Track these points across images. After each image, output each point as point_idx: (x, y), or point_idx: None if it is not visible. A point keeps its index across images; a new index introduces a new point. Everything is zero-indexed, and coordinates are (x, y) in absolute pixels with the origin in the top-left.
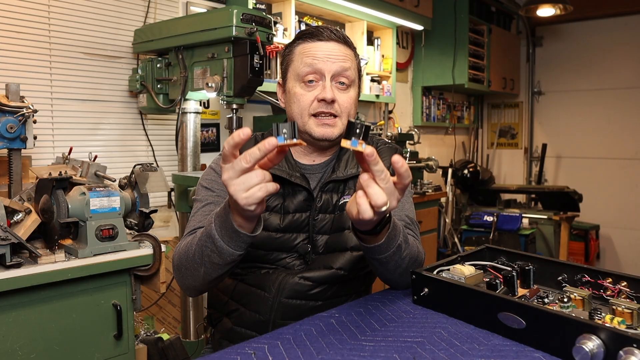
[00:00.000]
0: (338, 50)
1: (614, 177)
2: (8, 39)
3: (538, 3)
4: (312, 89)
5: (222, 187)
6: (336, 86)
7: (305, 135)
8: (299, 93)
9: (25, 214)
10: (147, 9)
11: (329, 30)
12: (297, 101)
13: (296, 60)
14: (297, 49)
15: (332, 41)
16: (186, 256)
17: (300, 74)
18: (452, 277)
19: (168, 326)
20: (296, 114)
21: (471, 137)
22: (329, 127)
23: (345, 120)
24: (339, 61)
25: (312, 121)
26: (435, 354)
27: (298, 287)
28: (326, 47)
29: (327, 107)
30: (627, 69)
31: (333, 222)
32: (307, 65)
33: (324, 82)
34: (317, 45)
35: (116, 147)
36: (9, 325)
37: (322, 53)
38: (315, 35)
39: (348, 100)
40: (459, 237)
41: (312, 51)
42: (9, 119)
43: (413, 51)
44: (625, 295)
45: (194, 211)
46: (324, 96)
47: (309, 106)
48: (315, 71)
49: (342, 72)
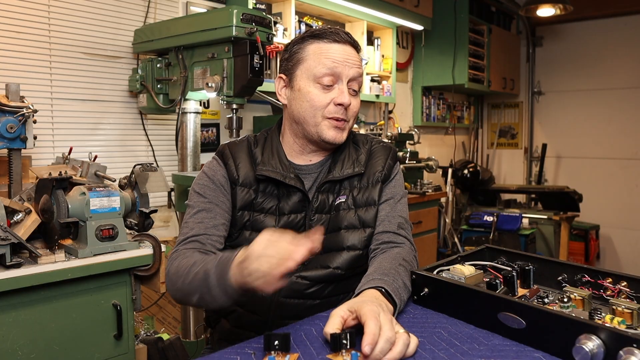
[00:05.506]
0: (354, 55)
1: (614, 177)
2: (8, 39)
3: (538, 3)
4: (328, 91)
5: (214, 193)
6: (349, 91)
7: (314, 135)
8: (313, 93)
9: (25, 214)
10: (147, 9)
11: (343, 32)
12: (311, 101)
13: (311, 59)
14: (311, 48)
15: (348, 45)
16: (183, 279)
17: (317, 75)
18: (452, 277)
19: (168, 326)
20: (307, 114)
21: (471, 137)
22: (341, 132)
23: (351, 125)
24: (355, 67)
25: (326, 123)
26: (435, 354)
27: (295, 286)
28: (344, 51)
29: (343, 112)
30: (627, 69)
31: (329, 222)
32: (325, 66)
33: (340, 86)
34: (334, 47)
35: (116, 147)
36: (9, 325)
37: (340, 56)
38: (330, 35)
39: (357, 105)
40: (459, 237)
41: (330, 53)
42: (9, 119)
43: (413, 51)
44: (625, 295)
45: (187, 217)
46: (342, 101)
47: (324, 108)
48: (333, 74)
49: (357, 77)
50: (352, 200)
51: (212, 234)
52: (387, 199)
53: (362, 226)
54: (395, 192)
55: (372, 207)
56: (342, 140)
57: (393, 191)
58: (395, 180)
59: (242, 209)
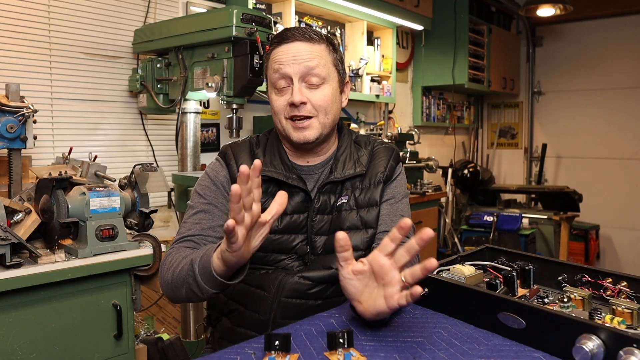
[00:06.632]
0: (303, 49)
1: (614, 177)
2: (8, 39)
3: (538, 3)
4: (283, 93)
5: (214, 194)
6: (307, 86)
7: (287, 140)
8: (273, 99)
9: (25, 214)
10: (147, 9)
11: (294, 30)
12: (272, 107)
13: (269, 67)
14: (270, 56)
15: (297, 41)
16: (172, 271)
17: (272, 80)
18: (452, 277)
19: (168, 326)
20: (275, 120)
21: (471, 137)
22: (305, 130)
23: (323, 119)
24: (304, 61)
25: (290, 124)
26: (435, 354)
27: (297, 287)
28: (291, 49)
29: (299, 110)
30: (627, 69)
31: (331, 223)
32: (275, 71)
33: (292, 86)
34: (282, 48)
35: (116, 147)
36: (9, 325)
37: (286, 56)
38: (282, 38)
39: (322, 98)
40: (459, 237)
41: (278, 56)
42: (9, 119)
43: (413, 51)
44: (625, 295)
45: (186, 217)
46: (292, 100)
47: (284, 110)
48: (282, 76)
49: (309, 71)
50: (354, 201)
51: (208, 235)
52: (389, 198)
53: (364, 227)
54: (397, 192)
55: (374, 207)
56: (310, 139)
57: (395, 191)
58: (397, 181)
59: None
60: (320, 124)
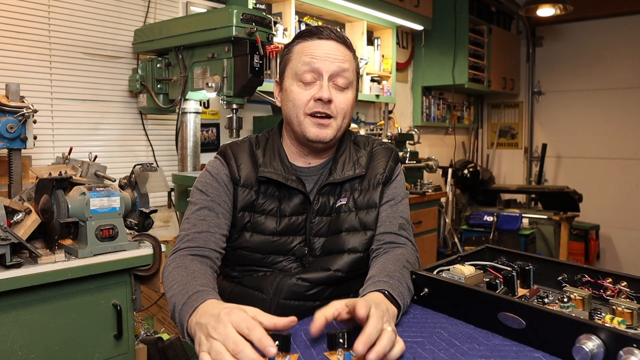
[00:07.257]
0: (337, 50)
1: (614, 177)
2: (8, 39)
3: (538, 3)
4: (309, 88)
5: (216, 191)
6: (333, 87)
7: (300, 135)
8: (295, 91)
9: (25, 214)
10: (147, 9)
11: (329, 29)
12: (293, 99)
13: (294, 58)
14: (296, 48)
15: (332, 40)
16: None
17: (298, 73)
18: (452, 277)
19: (168, 326)
20: (291, 113)
21: (471, 137)
22: (324, 128)
23: (341, 122)
24: (337, 61)
25: (308, 121)
26: (435, 354)
27: (295, 288)
28: (325, 46)
29: (324, 107)
30: (627, 69)
31: (330, 224)
32: (305, 63)
33: (321, 82)
34: (316, 43)
35: (116, 147)
36: (9, 325)
37: (321, 52)
38: (314, 33)
39: (345, 101)
40: (459, 237)
41: (310, 50)
42: (9, 119)
43: (413, 51)
44: (625, 295)
45: (188, 213)
46: (320, 95)
47: (305, 105)
48: (313, 70)
49: (340, 72)
50: (353, 202)
51: (215, 232)
52: (388, 200)
53: (363, 229)
54: (397, 193)
55: (373, 209)
56: (327, 138)
57: (394, 192)
58: (396, 182)
59: (243, 210)
60: (338, 126)
